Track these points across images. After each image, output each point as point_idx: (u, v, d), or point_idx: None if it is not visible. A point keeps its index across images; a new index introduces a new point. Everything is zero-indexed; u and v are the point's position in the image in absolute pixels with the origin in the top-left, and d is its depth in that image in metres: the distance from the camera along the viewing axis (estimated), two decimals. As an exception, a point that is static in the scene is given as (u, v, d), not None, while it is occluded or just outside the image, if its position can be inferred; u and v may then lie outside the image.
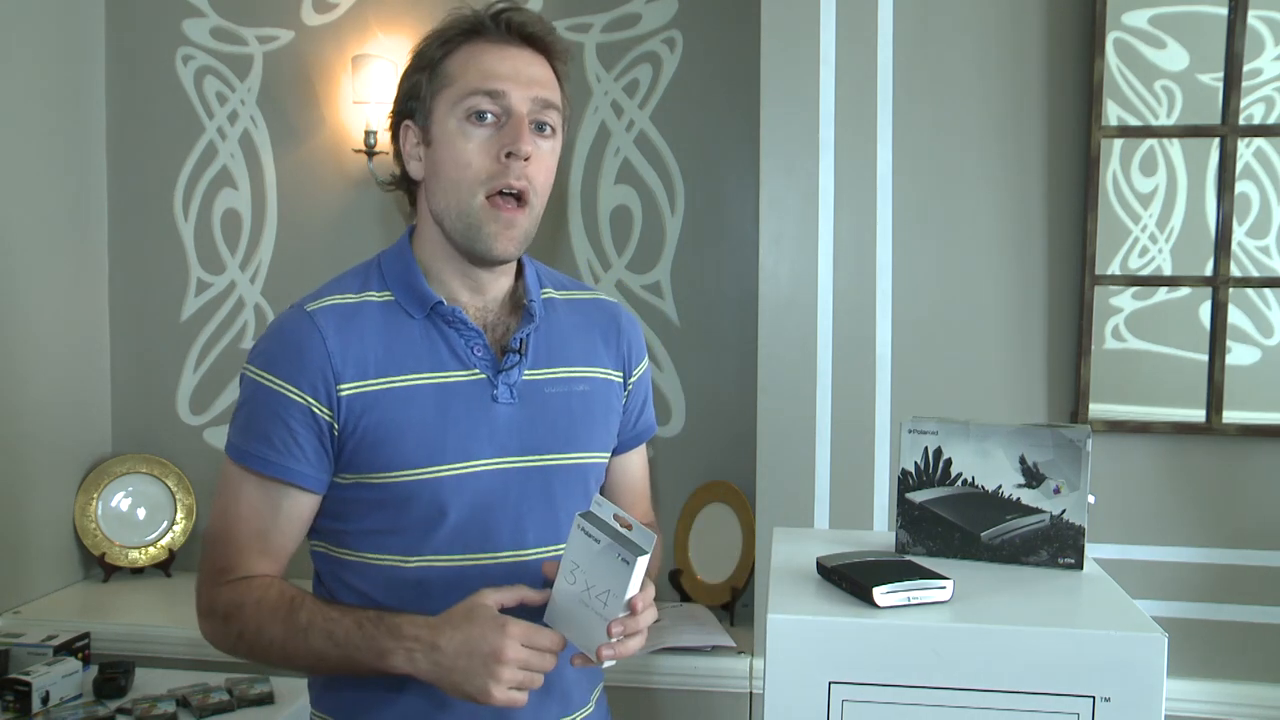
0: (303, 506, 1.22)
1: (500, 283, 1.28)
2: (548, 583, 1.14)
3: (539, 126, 1.21)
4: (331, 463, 1.20)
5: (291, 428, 1.18)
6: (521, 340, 1.24)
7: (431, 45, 1.23)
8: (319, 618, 1.16)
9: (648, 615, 1.13)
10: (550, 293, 1.32)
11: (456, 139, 1.20)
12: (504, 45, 1.21)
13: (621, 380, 1.35)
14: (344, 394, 1.18)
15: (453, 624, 1.10)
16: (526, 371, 1.25)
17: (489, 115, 1.19)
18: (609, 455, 1.34)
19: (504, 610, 1.13)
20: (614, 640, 1.09)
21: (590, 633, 1.10)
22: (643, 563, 1.08)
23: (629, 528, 1.10)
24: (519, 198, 1.20)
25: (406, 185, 1.30)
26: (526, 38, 1.22)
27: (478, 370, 1.22)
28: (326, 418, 1.18)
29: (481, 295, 1.26)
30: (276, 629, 1.17)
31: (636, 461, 1.43)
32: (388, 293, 1.23)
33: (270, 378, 1.19)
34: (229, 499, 1.22)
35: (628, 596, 1.09)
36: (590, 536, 1.10)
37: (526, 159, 1.18)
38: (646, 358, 1.41)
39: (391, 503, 1.20)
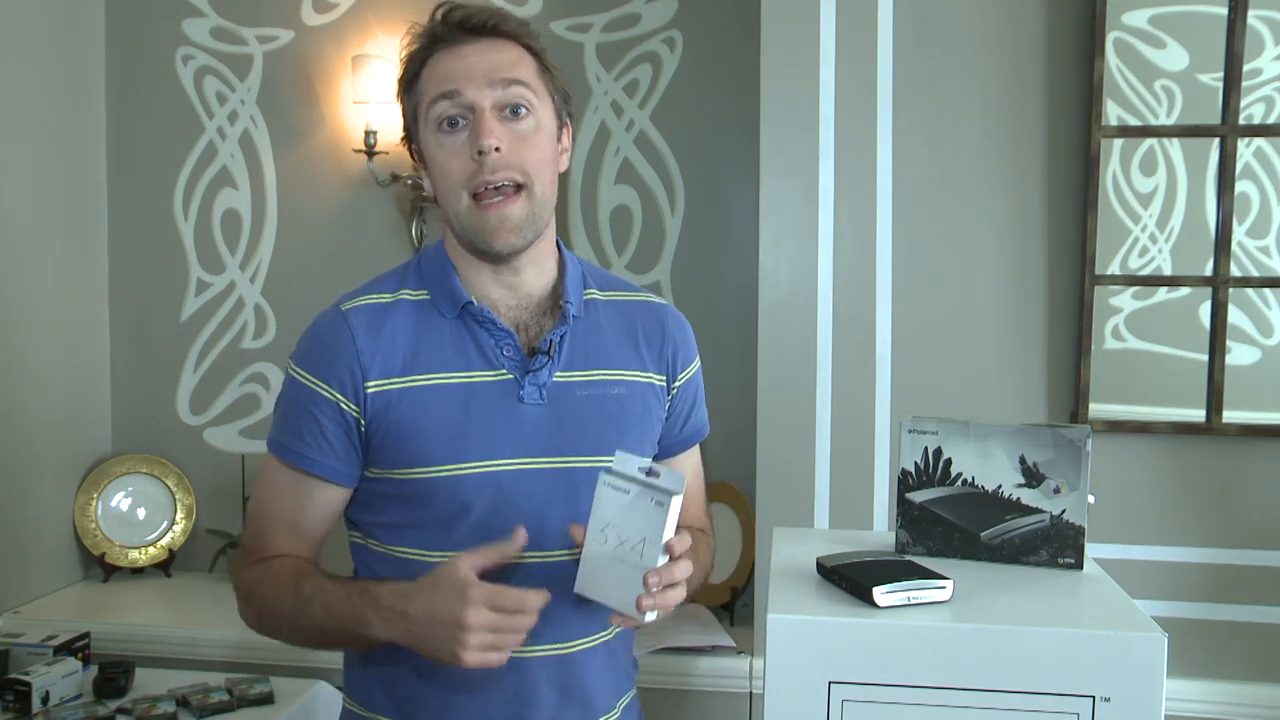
0: (331, 499, 1.26)
1: (534, 280, 1.27)
2: (577, 546, 1.13)
3: (513, 110, 1.20)
4: (360, 457, 1.24)
5: (321, 423, 1.22)
6: (551, 342, 1.24)
7: (405, 65, 1.25)
8: (318, 590, 1.19)
9: (684, 565, 1.11)
10: (594, 293, 1.31)
11: (436, 152, 1.22)
12: (458, 45, 1.21)
13: (664, 384, 1.33)
14: (370, 391, 1.21)
15: (421, 591, 1.12)
16: (558, 373, 1.24)
17: (459, 120, 1.20)
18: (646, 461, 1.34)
19: (486, 574, 1.12)
20: (653, 590, 1.07)
21: (628, 589, 1.07)
22: (676, 503, 1.06)
23: (656, 475, 1.08)
24: (516, 187, 1.20)
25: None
26: (476, 29, 1.21)
27: (505, 370, 1.22)
28: (354, 414, 1.21)
29: (514, 294, 1.26)
30: (285, 603, 1.20)
31: (686, 465, 1.41)
32: (424, 291, 1.25)
33: (303, 374, 1.23)
34: (264, 487, 1.28)
35: (664, 540, 1.06)
36: (618, 490, 1.08)
37: (498, 150, 1.18)
38: (697, 361, 1.39)
39: (415, 498, 1.22)
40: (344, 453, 1.23)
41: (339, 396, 1.21)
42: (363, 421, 1.21)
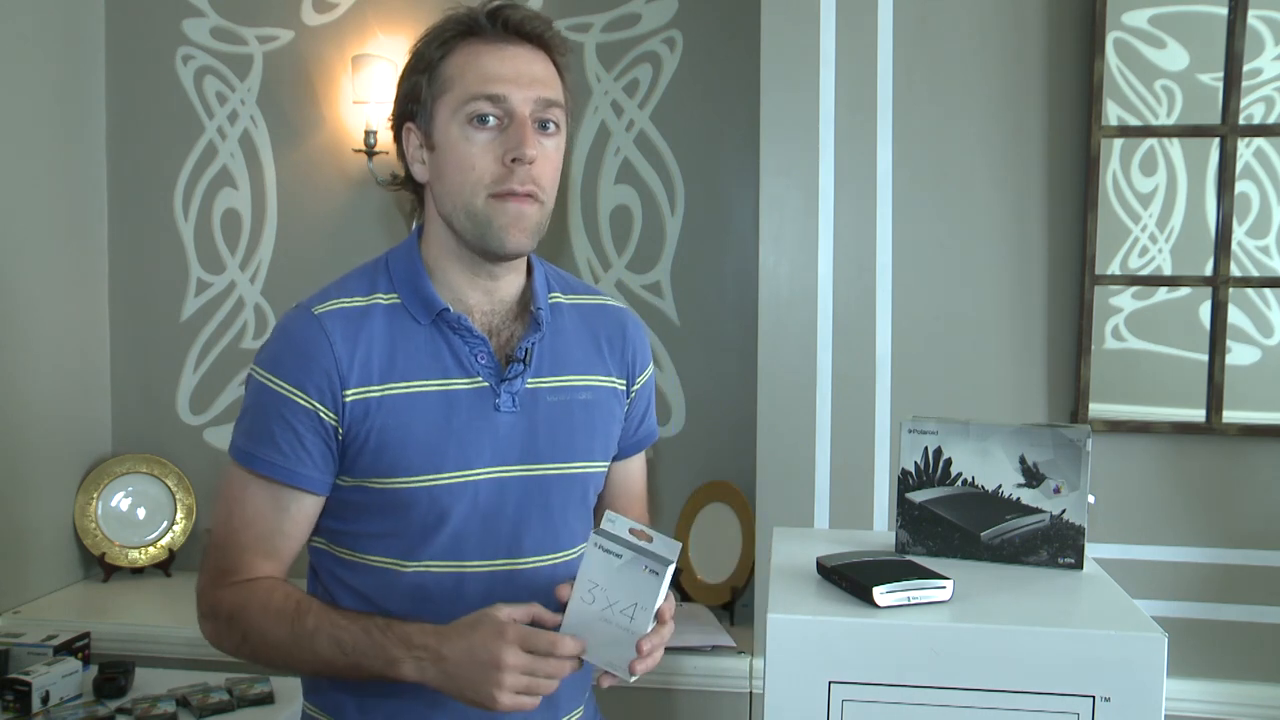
0: (308, 509, 1.21)
1: (509, 285, 1.26)
2: (560, 605, 1.12)
3: (542, 125, 1.19)
4: (336, 465, 1.20)
5: (298, 431, 1.17)
6: (527, 350, 1.23)
7: (429, 46, 1.22)
8: (326, 623, 1.15)
9: (670, 627, 1.13)
10: (558, 297, 1.30)
11: (460, 144, 1.18)
12: (502, 45, 1.19)
13: (624, 388, 1.34)
14: (349, 399, 1.17)
15: (458, 632, 1.10)
16: (529, 380, 1.23)
17: (491, 118, 1.17)
18: (607, 464, 1.34)
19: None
20: (645, 656, 1.09)
21: (614, 649, 1.08)
22: (669, 572, 1.07)
23: (649, 539, 1.08)
24: (529, 197, 1.19)
25: (412, 186, 1.28)
26: (524, 35, 1.20)
27: (480, 378, 1.21)
28: (332, 422, 1.18)
29: (490, 298, 1.25)
30: (281, 633, 1.16)
31: (635, 468, 1.42)
32: (395, 295, 1.22)
33: (277, 381, 1.18)
34: (233, 502, 1.21)
35: (656, 607, 1.07)
36: (610, 553, 1.08)
37: (531, 162, 1.17)
38: (651, 364, 1.40)
39: (391, 507, 1.20)
40: (322, 461, 1.19)
41: (317, 405, 1.17)
42: (340, 430, 1.18)
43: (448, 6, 1.26)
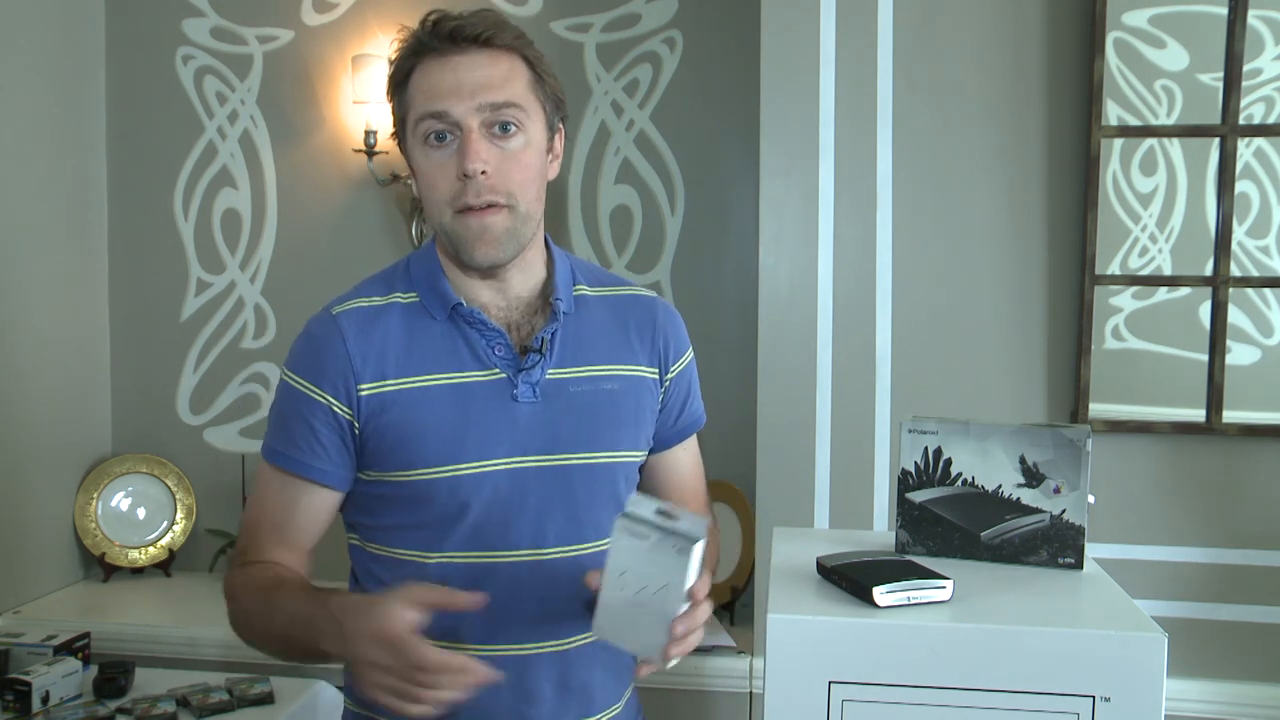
0: (323, 503, 1.25)
1: (521, 284, 1.27)
2: (592, 593, 1.09)
3: (502, 127, 1.20)
4: (354, 461, 1.23)
5: (314, 426, 1.21)
6: (543, 339, 1.24)
7: (394, 72, 1.25)
8: (289, 597, 1.16)
9: (706, 608, 1.09)
10: (583, 289, 1.31)
11: (422, 164, 1.22)
12: (447, 56, 1.20)
13: (657, 377, 1.33)
14: (363, 394, 1.20)
15: (360, 610, 1.05)
16: (551, 370, 1.24)
17: (446, 134, 1.19)
18: (643, 454, 1.33)
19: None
20: (678, 638, 1.05)
21: (650, 635, 1.05)
22: (698, 550, 1.03)
23: (675, 518, 1.05)
24: (491, 207, 1.19)
25: None
26: (468, 40, 1.20)
27: (498, 370, 1.23)
28: (347, 417, 1.21)
29: (503, 296, 1.27)
30: (259, 608, 1.19)
31: (684, 457, 1.41)
32: (413, 294, 1.25)
33: (297, 379, 1.23)
34: (257, 493, 1.27)
35: (687, 587, 1.04)
36: (636, 536, 1.05)
37: (484, 174, 1.18)
38: (690, 352, 1.39)
39: (413, 499, 1.22)
40: (337, 456, 1.22)
41: (331, 400, 1.20)
42: (356, 424, 1.21)
43: (439, 8, 1.27)
